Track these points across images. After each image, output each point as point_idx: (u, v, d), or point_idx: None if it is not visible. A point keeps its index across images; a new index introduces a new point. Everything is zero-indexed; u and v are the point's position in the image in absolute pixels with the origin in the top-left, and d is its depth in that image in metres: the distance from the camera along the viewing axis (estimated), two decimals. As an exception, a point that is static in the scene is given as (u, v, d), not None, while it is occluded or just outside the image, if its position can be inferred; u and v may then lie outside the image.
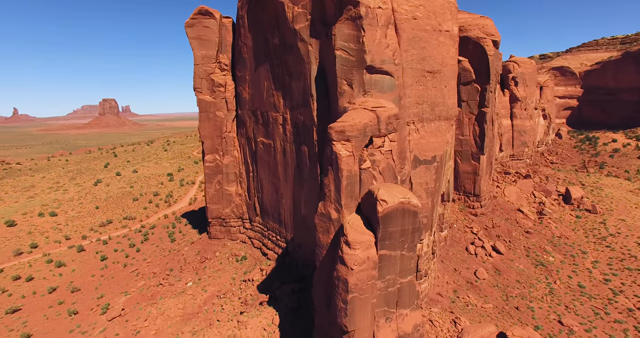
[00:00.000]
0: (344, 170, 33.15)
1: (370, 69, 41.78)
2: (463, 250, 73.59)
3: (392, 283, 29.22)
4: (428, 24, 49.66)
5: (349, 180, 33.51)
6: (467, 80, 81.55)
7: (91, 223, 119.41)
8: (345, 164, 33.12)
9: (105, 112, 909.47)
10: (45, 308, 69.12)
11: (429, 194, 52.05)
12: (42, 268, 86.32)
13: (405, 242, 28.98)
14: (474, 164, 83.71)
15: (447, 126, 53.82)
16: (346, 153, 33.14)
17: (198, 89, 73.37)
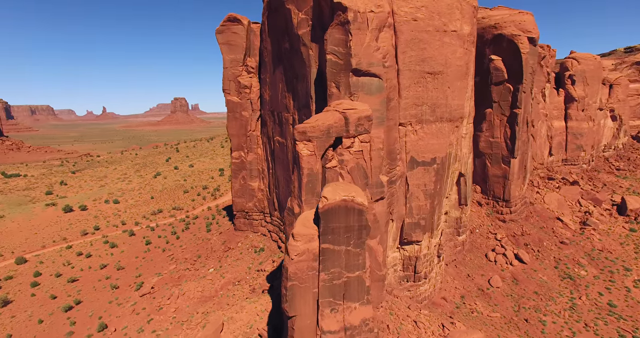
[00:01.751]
0: (305, 168, 35.49)
1: (357, 72, 43.34)
2: (482, 257, 71.24)
3: (337, 276, 31.01)
4: (430, 25, 49.61)
5: (310, 178, 35.77)
6: (499, 80, 78.33)
7: (145, 211, 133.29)
8: (306, 163, 35.46)
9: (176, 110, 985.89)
10: (95, 281, 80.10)
11: (428, 196, 51.91)
12: (99, 248, 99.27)
13: (351, 238, 30.56)
14: (504, 167, 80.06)
15: (450, 128, 53.09)
16: (307, 152, 35.45)
17: (227, 91, 79.49)
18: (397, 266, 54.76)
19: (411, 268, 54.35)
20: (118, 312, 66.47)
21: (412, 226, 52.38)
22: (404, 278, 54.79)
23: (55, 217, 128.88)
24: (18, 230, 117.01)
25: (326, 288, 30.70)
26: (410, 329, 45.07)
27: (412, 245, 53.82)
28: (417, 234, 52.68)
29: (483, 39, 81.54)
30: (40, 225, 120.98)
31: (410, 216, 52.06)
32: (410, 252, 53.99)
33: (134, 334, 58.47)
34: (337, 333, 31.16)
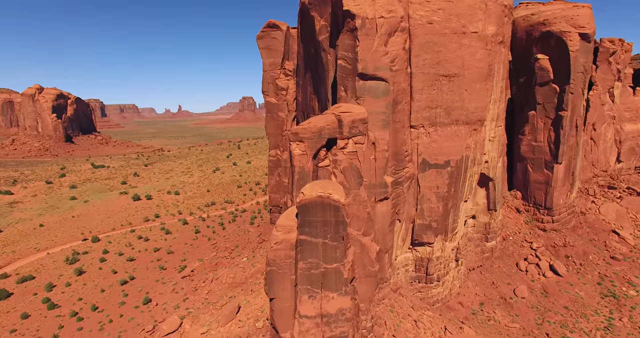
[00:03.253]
0: (297, 167, 38.72)
1: (363, 76, 45.57)
2: (512, 265, 68.67)
3: (315, 266, 33.72)
4: (447, 27, 49.93)
5: (301, 176, 38.90)
6: (544, 81, 74.39)
7: (200, 203, 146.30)
8: (297, 161, 38.68)
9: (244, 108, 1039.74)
10: (148, 261, 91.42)
11: (440, 198, 52.19)
12: (156, 233, 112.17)
13: (328, 232, 33.10)
14: (547, 173, 75.81)
15: (467, 131, 52.65)
16: (299, 152, 38.64)
17: (265, 92, 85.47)
18: (409, 266, 55.74)
19: (423, 270, 54.99)
20: (161, 289, 75.75)
21: (423, 228, 53.09)
22: (416, 279, 55.58)
23: (126, 204, 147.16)
24: (97, 213, 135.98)
25: (304, 277, 33.89)
26: (408, 328, 46.29)
27: (424, 247, 54.47)
28: (428, 236, 53.23)
29: (531, 37, 77.79)
30: (114, 210, 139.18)
31: (421, 218, 52.82)
32: (423, 253, 54.66)
33: (170, 309, 66.59)
34: (314, 318, 34.20)
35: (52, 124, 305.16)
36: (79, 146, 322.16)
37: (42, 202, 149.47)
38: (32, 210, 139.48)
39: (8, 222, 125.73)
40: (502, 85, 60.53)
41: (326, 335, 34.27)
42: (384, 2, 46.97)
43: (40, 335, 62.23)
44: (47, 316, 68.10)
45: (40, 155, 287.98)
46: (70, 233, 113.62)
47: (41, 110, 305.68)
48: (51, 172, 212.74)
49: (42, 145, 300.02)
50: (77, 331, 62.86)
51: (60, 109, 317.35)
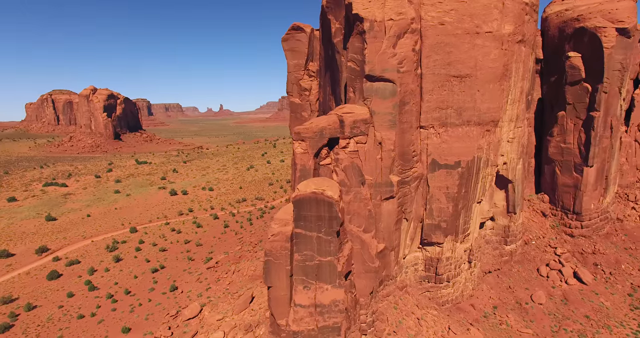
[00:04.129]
0: (298, 164, 40.90)
1: (370, 78, 47.04)
2: (533, 270, 67.10)
3: (309, 258, 35.69)
4: (459, 28, 50.13)
5: (302, 173, 40.99)
6: (575, 80, 72.01)
7: (232, 199, 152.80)
8: (299, 159, 40.85)
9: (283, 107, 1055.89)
10: (178, 252, 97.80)
11: (450, 199, 52.41)
12: (188, 226, 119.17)
13: (322, 226, 34.98)
14: (576, 176, 73.17)
15: (479, 132, 52.41)
16: (301, 150, 40.77)
17: (290, 93, 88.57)
18: (418, 266, 56.40)
19: (433, 270, 55.44)
20: (188, 278, 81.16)
21: (432, 227, 53.58)
22: (425, 278, 56.13)
23: (163, 198, 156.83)
24: (137, 206, 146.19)
25: (299, 268, 36.14)
26: (410, 325, 47.24)
27: (433, 247, 54.94)
28: (437, 236, 53.65)
29: (563, 33, 75.42)
30: (152, 203, 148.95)
31: (430, 217, 53.35)
32: (432, 253, 55.14)
33: (194, 297, 71.46)
34: (308, 307, 36.36)
35: (103, 123, 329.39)
36: (126, 143, 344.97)
37: (90, 195, 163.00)
38: (81, 201, 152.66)
39: (62, 212, 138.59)
40: (521, 86, 59.33)
41: (319, 325, 36.40)
42: (394, 5, 48.18)
43: (81, 312, 69.28)
44: (87, 296, 75.48)
45: (93, 151, 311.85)
46: (112, 223, 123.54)
47: (94, 109, 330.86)
48: (100, 167, 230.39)
49: (94, 142, 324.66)
50: (111, 311, 69.30)
51: (111, 108, 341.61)
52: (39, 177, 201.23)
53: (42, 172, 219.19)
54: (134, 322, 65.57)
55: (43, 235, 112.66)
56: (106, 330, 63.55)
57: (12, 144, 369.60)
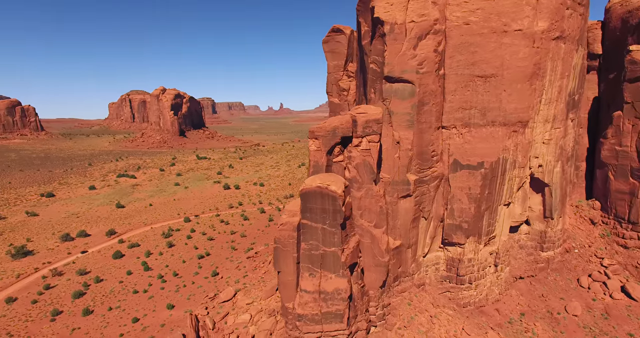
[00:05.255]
0: (312, 161, 43.99)
1: (389, 79, 48.93)
2: (572, 280, 63.97)
3: (315, 247, 38.64)
4: (485, 27, 50.03)
5: (315, 169, 43.93)
6: (635, 76, 67.21)
7: (280, 195, 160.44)
8: (312, 156, 43.90)
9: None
10: (224, 242, 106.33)
11: (473, 200, 52.39)
12: (236, 219, 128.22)
13: (327, 218, 37.72)
14: (632, 182, 68.21)
15: (505, 132, 51.64)
16: (314, 148, 43.78)
17: (329, 93, 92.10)
18: (440, 265, 56.97)
19: (454, 270, 55.73)
20: (228, 265, 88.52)
21: (452, 228, 53.96)
22: (446, 278, 56.57)
23: (217, 192, 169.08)
24: (193, 198, 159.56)
25: (306, 256, 39.51)
26: (422, 321, 48.48)
27: (454, 247, 55.24)
28: (458, 236, 53.91)
29: (627, 25, 70.98)
30: (206, 196, 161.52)
31: (451, 217, 53.76)
32: (453, 253, 55.46)
33: (232, 282, 78.16)
34: (312, 293, 39.60)
35: (170, 120, 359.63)
36: (189, 139, 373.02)
37: (154, 186, 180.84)
38: (146, 192, 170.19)
39: (129, 201, 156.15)
40: (560, 84, 56.93)
41: (323, 310, 39.60)
42: (416, 7, 49.57)
43: (136, 288, 79.38)
44: (142, 275, 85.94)
45: (160, 146, 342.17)
46: (170, 213, 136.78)
47: (163, 108, 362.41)
48: (165, 161, 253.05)
49: (162, 138, 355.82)
50: (160, 290, 78.46)
51: (177, 107, 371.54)
52: (114, 169, 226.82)
53: (117, 164, 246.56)
54: (177, 300, 73.80)
55: (113, 220, 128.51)
56: (154, 305, 72.39)
57: (96, 139, 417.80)
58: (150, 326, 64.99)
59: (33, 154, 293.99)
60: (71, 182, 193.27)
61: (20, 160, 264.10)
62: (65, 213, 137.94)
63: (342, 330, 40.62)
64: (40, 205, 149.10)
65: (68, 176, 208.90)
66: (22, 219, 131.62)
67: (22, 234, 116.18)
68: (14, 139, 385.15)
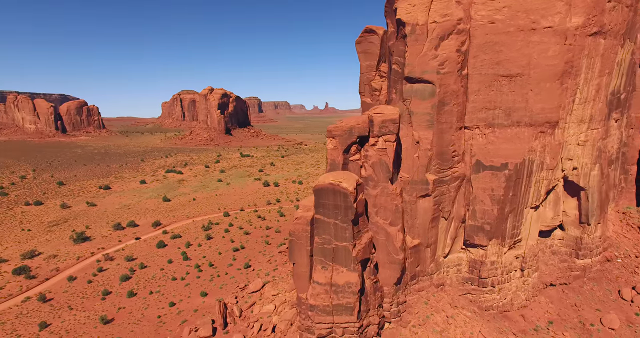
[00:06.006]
0: (329, 159, 45.99)
1: (410, 80, 49.95)
2: (612, 291, 61.04)
3: (327, 241, 40.58)
4: (511, 25, 49.46)
5: (332, 167, 45.85)
6: (687, 70, 62.63)
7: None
8: (330, 154, 45.90)
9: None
10: (259, 236, 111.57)
11: (496, 201, 51.93)
12: (273, 215, 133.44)
13: (339, 214, 39.59)
14: (685, 187, 63.52)
15: (531, 133, 50.54)
16: (331, 146, 45.74)
17: (362, 93, 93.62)
18: (462, 267, 56.91)
19: (476, 272, 55.50)
20: (260, 259, 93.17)
21: (474, 229, 53.77)
22: (468, 280, 56.40)
23: (257, 188, 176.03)
24: (233, 194, 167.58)
25: (319, 250, 41.88)
26: (438, 321, 49.08)
27: (476, 249, 55.00)
28: (480, 238, 53.64)
29: None
30: (246, 193, 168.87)
31: (473, 219, 53.61)
32: (475, 255, 55.24)
33: (262, 275, 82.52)
34: (324, 285, 41.88)
35: (216, 119, 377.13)
36: (235, 138, 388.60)
37: (198, 182, 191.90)
38: (191, 187, 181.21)
39: (175, 195, 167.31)
40: (599, 83, 54.49)
41: (334, 302, 41.85)
42: (439, 7, 50.20)
43: (175, 275, 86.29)
44: (181, 264, 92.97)
45: (207, 144, 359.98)
46: (211, 207, 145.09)
47: (210, 107, 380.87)
48: (210, 158, 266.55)
49: (209, 136, 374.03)
50: (196, 278, 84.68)
51: (224, 106, 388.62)
52: (164, 165, 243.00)
53: (166, 160, 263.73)
54: (211, 288, 79.36)
55: (159, 213, 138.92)
56: (190, 291, 78.47)
57: (150, 136, 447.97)
58: (185, 310, 70.75)
59: (95, 150, 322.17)
60: (125, 176, 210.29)
61: (84, 155, 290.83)
62: (119, 204, 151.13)
63: (352, 323, 42.65)
64: (99, 197, 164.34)
65: (123, 171, 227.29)
66: (83, 209, 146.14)
67: (82, 222, 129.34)
68: (80, 136, 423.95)
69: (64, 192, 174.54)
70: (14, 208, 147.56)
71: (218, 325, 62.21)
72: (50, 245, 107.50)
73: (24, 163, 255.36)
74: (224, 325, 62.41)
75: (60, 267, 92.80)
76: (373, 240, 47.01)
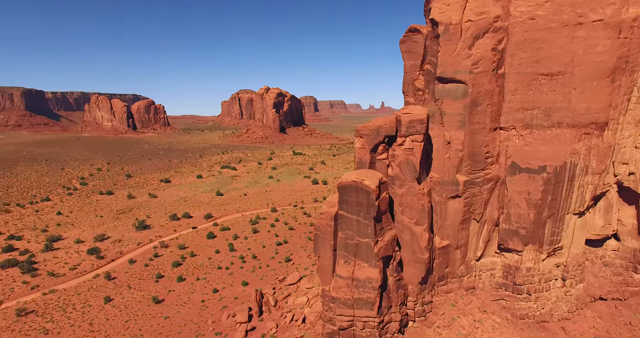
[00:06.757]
0: (357, 157, 47.51)
1: (442, 80, 50.16)
2: (673, 309, 55.96)
3: (350, 237, 42.15)
4: (554, 20, 47.76)
5: (359, 165, 47.28)
6: None
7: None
8: (357, 153, 47.41)
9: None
10: (302, 232, 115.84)
11: (533, 206, 50.31)
12: (318, 212, 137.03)
13: (361, 211, 41.05)
14: None
15: (574, 135, 48.21)
16: (359, 145, 47.23)
17: (405, 93, 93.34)
18: (496, 272, 55.77)
19: (510, 278, 54.15)
20: (301, 253, 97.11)
21: (508, 233, 52.50)
22: (502, 286, 55.13)
23: (306, 186, 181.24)
24: (282, 191, 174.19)
25: (342, 245, 43.91)
26: (464, 324, 48.89)
27: (511, 253, 53.65)
28: (514, 243, 52.29)
29: None
30: (295, 190, 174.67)
31: (507, 222, 52.38)
32: (510, 260, 53.89)
33: (301, 269, 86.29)
34: (346, 279, 43.84)
35: (272, 117, 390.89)
36: (289, 136, 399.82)
37: (250, 178, 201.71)
38: (243, 183, 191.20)
39: (228, 189, 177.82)
40: (659, 80, 50.40)
41: (355, 296, 43.80)
42: (475, 5, 49.93)
43: (220, 265, 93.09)
44: (227, 255, 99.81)
45: (262, 141, 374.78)
46: (260, 203, 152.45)
47: (266, 106, 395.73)
48: (264, 156, 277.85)
49: (264, 134, 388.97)
50: (240, 268, 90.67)
51: (279, 105, 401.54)
52: (220, 161, 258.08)
53: (222, 157, 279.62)
54: (252, 279, 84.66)
55: (211, 206, 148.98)
56: (232, 280, 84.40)
57: (209, 134, 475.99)
58: (226, 297, 76.48)
59: (159, 146, 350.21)
60: (184, 170, 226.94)
61: (150, 150, 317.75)
62: (176, 197, 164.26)
63: (372, 318, 44.31)
64: (159, 189, 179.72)
65: (182, 165, 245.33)
66: (146, 199, 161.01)
67: (144, 211, 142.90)
68: (148, 133, 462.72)
69: (131, 183, 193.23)
70: (90, 197, 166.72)
71: (254, 312, 66.86)
72: (117, 231, 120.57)
73: (100, 156, 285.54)
74: (260, 313, 66.90)
75: (124, 250, 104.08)
76: (398, 239, 48.19)
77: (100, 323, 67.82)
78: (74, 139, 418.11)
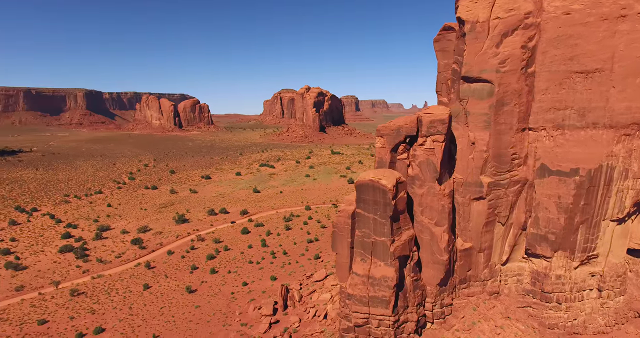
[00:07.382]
0: (377, 157, 47.81)
1: (467, 79, 49.40)
2: None
3: (367, 235, 42.55)
4: (591, 14, 45.68)
5: (379, 164, 47.48)
6: None
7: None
8: (377, 152, 47.70)
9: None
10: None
11: (563, 210, 48.31)
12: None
13: (378, 210, 41.40)
14: None
15: (612, 136, 45.67)
16: (379, 145, 47.49)
17: (439, 92, 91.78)
18: (523, 277, 54.06)
19: (538, 285, 52.32)
20: (330, 251, 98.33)
21: (536, 237, 50.74)
22: (530, 292, 53.33)
23: (341, 185, 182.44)
24: (318, 189, 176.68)
25: (359, 243, 44.70)
26: (484, 329, 48.02)
27: (539, 259, 51.82)
28: (543, 248, 50.46)
29: None
30: (330, 188, 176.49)
31: (535, 226, 50.63)
32: (538, 266, 52.06)
33: (328, 267, 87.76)
34: (362, 276, 44.56)
35: (312, 117, 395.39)
36: (328, 135, 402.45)
37: (287, 176, 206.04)
38: (280, 180, 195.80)
39: (265, 187, 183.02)
40: None
41: (370, 294, 44.56)
42: (505, 2, 48.91)
43: (252, 259, 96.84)
44: (259, 250, 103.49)
45: (301, 140, 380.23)
46: (295, 200, 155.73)
47: (306, 105, 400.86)
48: (302, 154, 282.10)
49: (304, 133, 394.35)
50: (270, 264, 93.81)
51: (319, 104, 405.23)
52: (259, 159, 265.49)
53: (262, 155, 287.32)
54: (280, 274, 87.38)
55: (248, 202, 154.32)
56: (262, 275, 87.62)
57: (251, 132, 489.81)
58: (254, 291, 79.66)
59: (202, 143, 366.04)
60: (224, 167, 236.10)
61: (194, 148, 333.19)
62: (215, 193, 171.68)
63: (387, 316, 44.87)
64: (200, 185, 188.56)
65: (223, 163, 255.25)
66: (187, 195, 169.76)
67: (184, 206, 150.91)
68: (192, 131, 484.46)
69: (174, 179, 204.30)
70: (137, 191, 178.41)
71: (279, 306, 69.31)
72: (158, 223, 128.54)
73: (148, 153, 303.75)
74: (284, 307, 69.24)
75: (164, 242, 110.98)
76: (417, 239, 48.29)
77: (139, 308, 73.35)
78: (125, 136, 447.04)
